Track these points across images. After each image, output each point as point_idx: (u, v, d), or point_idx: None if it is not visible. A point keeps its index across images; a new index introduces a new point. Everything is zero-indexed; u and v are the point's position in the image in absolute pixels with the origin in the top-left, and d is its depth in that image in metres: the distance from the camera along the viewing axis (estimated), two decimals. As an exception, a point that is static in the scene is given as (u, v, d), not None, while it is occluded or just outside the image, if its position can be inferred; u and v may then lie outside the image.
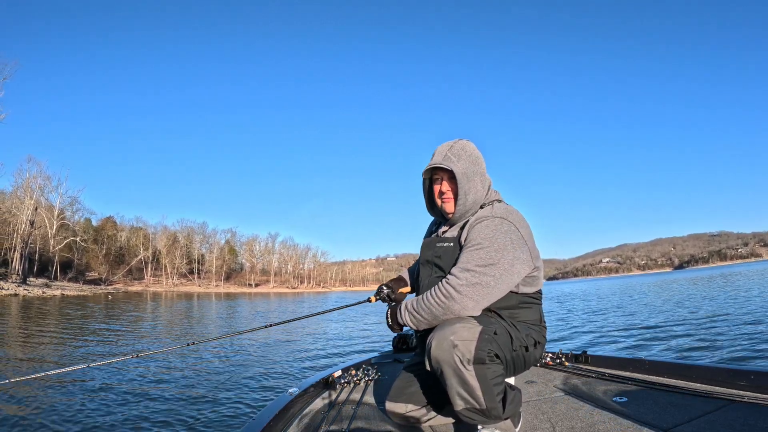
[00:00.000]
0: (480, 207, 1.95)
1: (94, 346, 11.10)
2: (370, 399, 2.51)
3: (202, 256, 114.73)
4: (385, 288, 2.24)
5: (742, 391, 2.06)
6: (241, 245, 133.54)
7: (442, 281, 1.78)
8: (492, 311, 1.83)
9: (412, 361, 2.16)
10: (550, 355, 3.08)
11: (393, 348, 3.72)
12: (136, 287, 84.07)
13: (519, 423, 1.86)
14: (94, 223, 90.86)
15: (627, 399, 2.15)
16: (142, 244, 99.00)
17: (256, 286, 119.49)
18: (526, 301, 1.90)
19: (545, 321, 2.01)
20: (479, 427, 1.74)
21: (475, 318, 1.72)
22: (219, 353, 9.35)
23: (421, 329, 1.87)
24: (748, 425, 1.71)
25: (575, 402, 2.21)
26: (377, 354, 3.69)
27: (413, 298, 1.92)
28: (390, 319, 1.99)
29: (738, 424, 1.72)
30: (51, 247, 65.81)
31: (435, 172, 2.00)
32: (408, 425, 2.04)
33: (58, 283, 61.34)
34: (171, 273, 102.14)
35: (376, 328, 14.44)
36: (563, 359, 3.01)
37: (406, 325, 1.90)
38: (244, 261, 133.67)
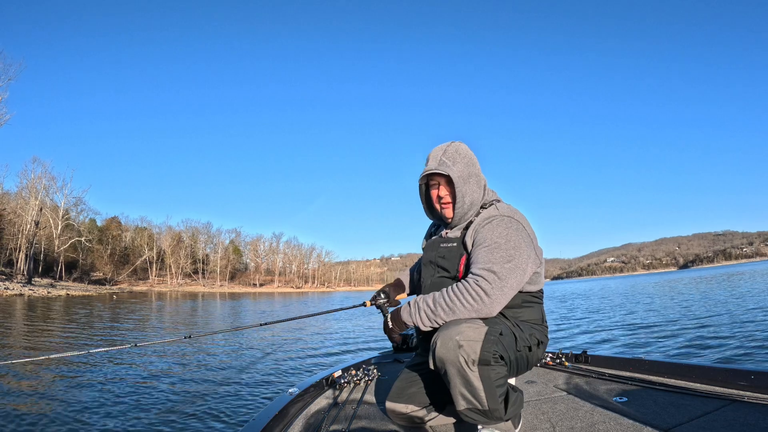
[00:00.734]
0: (481, 207, 1.94)
1: (97, 341, 11.19)
2: (370, 399, 2.51)
3: (207, 256, 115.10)
4: (381, 295, 2.20)
5: (742, 391, 2.05)
6: (245, 245, 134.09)
7: (469, 281, 1.73)
8: (500, 313, 1.81)
9: (414, 360, 2.15)
10: (550, 355, 3.08)
11: (393, 348, 3.72)
12: (140, 287, 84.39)
13: (519, 424, 1.86)
14: (99, 223, 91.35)
15: (627, 399, 2.15)
16: (147, 244, 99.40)
17: (261, 286, 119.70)
18: (529, 300, 1.89)
19: (547, 321, 2.00)
20: (479, 427, 1.73)
21: (482, 319, 1.71)
22: (219, 353, 9.38)
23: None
24: (748, 425, 1.70)
25: (575, 402, 2.21)
26: (377, 354, 3.70)
27: (424, 295, 1.86)
28: (392, 322, 1.95)
29: (738, 424, 1.72)
30: (56, 248, 66.13)
31: (431, 178, 1.99)
32: (409, 425, 2.03)
33: (62, 283, 61.70)
34: (175, 273, 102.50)
35: (376, 328, 14.45)
36: (563, 359, 3.01)
37: (416, 324, 1.84)
38: (248, 261, 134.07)
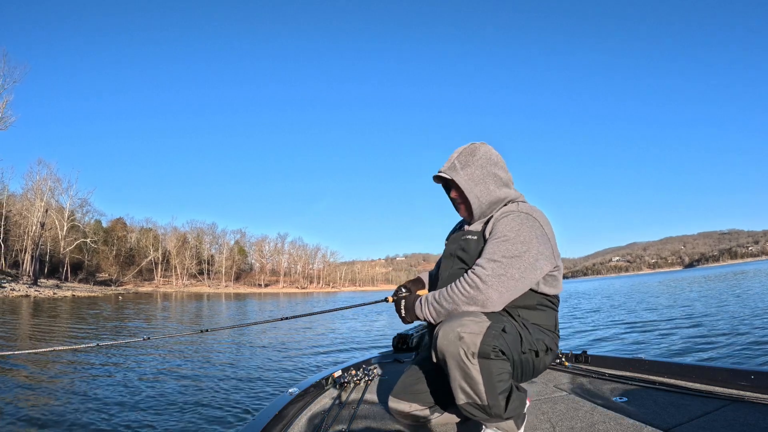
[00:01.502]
0: (504, 205, 1.93)
1: (103, 339, 11.17)
2: (371, 399, 2.51)
3: (212, 256, 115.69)
4: (403, 289, 2.19)
5: (742, 391, 2.05)
6: (250, 246, 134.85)
7: (468, 272, 1.75)
8: (507, 311, 1.80)
9: (422, 355, 2.14)
10: None
11: (393, 348, 3.73)
12: (146, 288, 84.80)
13: (522, 425, 1.81)
14: (104, 224, 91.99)
15: (627, 399, 2.14)
16: (152, 245, 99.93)
17: (266, 286, 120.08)
18: (544, 303, 1.87)
19: (559, 329, 1.96)
20: (483, 427, 1.72)
21: (487, 314, 1.70)
22: (220, 352, 9.43)
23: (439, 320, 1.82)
24: (748, 425, 1.69)
25: (575, 402, 2.20)
26: (377, 354, 3.70)
27: (435, 291, 1.87)
28: (404, 310, 1.96)
29: (738, 424, 1.71)
30: (61, 249, 66.53)
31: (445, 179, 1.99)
32: (411, 424, 2.02)
33: (68, 284, 62.11)
34: (181, 274, 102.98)
35: (376, 328, 14.48)
36: (563, 359, 3.00)
37: (426, 318, 1.85)
38: (253, 261, 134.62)
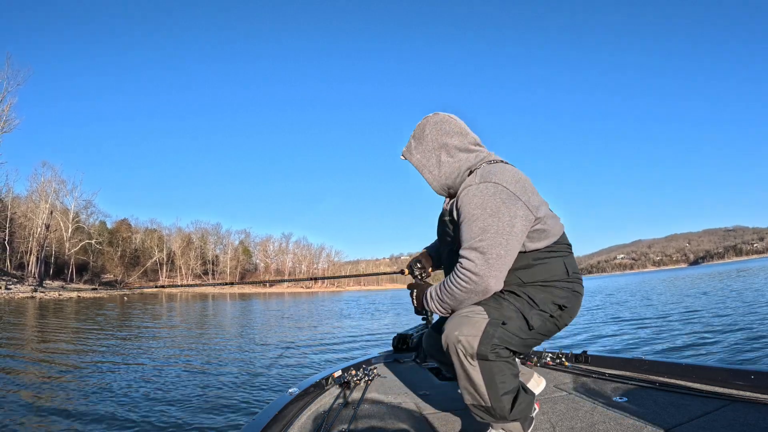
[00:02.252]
0: (468, 173, 1.83)
1: (108, 338, 11.29)
2: (371, 399, 2.52)
3: (217, 257, 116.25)
4: (417, 265, 2.18)
5: (742, 391, 2.04)
6: (255, 246, 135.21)
7: (457, 266, 1.68)
8: (508, 290, 1.74)
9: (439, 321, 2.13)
10: (550, 355, 3.07)
11: (393, 348, 3.73)
12: (151, 288, 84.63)
13: (530, 428, 1.79)
14: (109, 225, 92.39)
15: (627, 399, 2.13)
16: (157, 246, 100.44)
17: (271, 286, 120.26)
18: (540, 257, 1.77)
19: (576, 271, 1.84)
20: (489, 428, 1.71)
21: (486, 304, 1.67)
22: (220, 352, 9.49)
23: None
24: (748, 425, 1.69)
25: (575, 402, 2.20)
26: (377, 354, 3.70)
27: (437, 284, 1.84)
28: (416, 300, 1.96)
29: (738, 424, 1.70)
30: (66, 250, 66.96)
31: None
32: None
33: (73, 285, 62.45)
34: (186, 274, 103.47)
35: (376, 328, 14.53)
36: (563, 359, 3.00)
37: (435, 312, 1.84)
38: (258, 261, 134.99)
